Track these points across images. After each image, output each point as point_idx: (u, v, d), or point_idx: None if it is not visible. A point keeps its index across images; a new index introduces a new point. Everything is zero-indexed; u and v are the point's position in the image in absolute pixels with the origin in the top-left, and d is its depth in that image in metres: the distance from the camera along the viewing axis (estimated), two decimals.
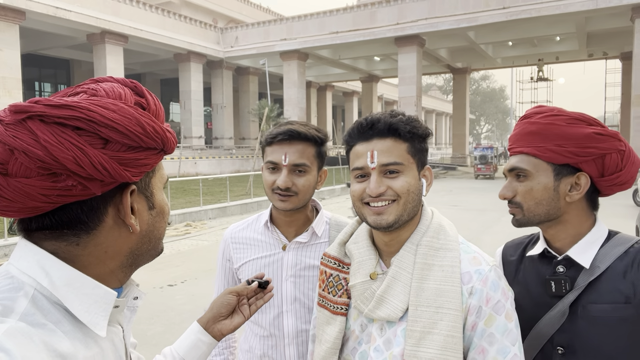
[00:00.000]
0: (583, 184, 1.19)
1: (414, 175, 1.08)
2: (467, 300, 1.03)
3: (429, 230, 1.10)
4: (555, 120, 1.19)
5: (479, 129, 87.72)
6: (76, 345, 0.63)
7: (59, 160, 0.59)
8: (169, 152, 0.73)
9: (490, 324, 1.02)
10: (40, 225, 0.65)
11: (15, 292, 0.61)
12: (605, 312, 1.12)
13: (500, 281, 1.06)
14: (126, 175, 0.65)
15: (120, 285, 0.74)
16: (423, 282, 1.04)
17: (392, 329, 1.07)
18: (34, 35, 25.29)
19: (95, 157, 0.61)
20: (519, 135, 1.25)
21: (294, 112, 30.43)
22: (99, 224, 0.66)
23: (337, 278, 1.20)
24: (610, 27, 26.02)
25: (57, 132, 0.60)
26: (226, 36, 32.43)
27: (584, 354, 1.14)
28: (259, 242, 1.56)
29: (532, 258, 1.29)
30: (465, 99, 36.59)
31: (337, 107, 54.34)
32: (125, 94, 0.68)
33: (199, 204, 12.48)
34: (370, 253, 1.14)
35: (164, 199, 0.76)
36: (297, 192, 1.43)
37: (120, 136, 0.63)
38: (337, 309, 1.17)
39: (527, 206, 1.22)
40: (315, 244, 1.53)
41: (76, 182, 0.61)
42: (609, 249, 1.17)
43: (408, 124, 1.08)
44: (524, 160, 1.22)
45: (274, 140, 1.44)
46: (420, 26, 26.25)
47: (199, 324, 1.08)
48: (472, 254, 1.09)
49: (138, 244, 0.72)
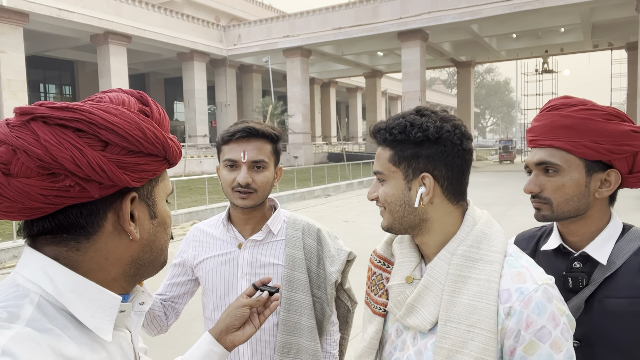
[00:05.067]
0: (614, 180, 1.17)
1: (395, 185, 1.01)
2: (503, 322, 0.92)
3: (468, 238, 0.99)
4: (591, 115, 1.14)
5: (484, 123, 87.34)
6: (83, 349, 0.63)
7: (57, 160, 0.60)
8: (172, 162, 0.73)
9: (531, 352, 0.90)
10: (41, 230, 0.66)
11: (21, 299, 0.62)
12: (621, 307, 1.12)
13: (549, 304, 0.91)
14: (124, 179, 0.65)
15: (124, 293, 0.74)
16: (455, 296, 0.95)
17: (424, 341, 1.01)
18: (38, 37, 25.41)
19: (94, 158, 0.62)
20: (547, 128, 1.18)
21: (297, 108, 30.43)
22: (98, 229, 0.67)
23: (379, 277, 1.15)
24: (615, 17, 25.78)
25: (58, 133, 0.61)
26: (229, 34, 32.44)
27: (599, 347, 1.14)
28: (217, 240, 1.58)
29: (546, 253, 1.28)
30: (469, 92, 36.45)
31: (341, 103, 54.28)
32: (129, 101, 0.69)
33: (205, 203, 12.51)
34: (411, 255, 1.08)
35: (166, 210, 0.76)
36: (257, 188, 1.46)
37: (120, 139, 0.64)
38: (377, 309, 1.13)
39: (556, 202, 1.18)
40: (272, 242, 1.54)
41: (74, 182, 0.62)
42: (624, 244, 1.17)
43: (388, 130, 1.00)
44: (555, 154, 1.16)
45: (232, 139, 1.46)
46: (423, 20, 26.13)
47: (211, 334, 1.10)
48: (518, 269, 0.96)
49: (139, 252, 0.72)
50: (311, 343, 1.49)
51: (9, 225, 9.09)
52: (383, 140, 1.02)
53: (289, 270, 1.50)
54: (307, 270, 1.53)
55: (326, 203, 15.00)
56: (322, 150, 37.14)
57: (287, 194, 15.39)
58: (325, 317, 1.55)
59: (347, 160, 25.10)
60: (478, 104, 75.18)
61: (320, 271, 1.56)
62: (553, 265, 1.23)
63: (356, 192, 18.13)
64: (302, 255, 1.53)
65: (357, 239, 8.35)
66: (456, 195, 1.02)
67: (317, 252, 1.57)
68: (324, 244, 1.59)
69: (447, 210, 1.01)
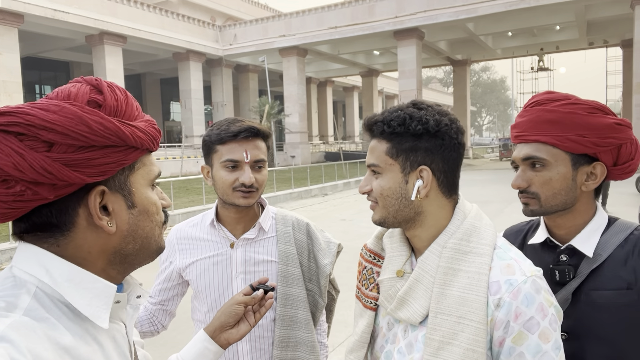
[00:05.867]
0: (599, 173, 1.18)
1: (392, 178, 1.01)
2: (492, 313, 0.93)
3: (458, 231, 1.00)
4: (576, 109, 1.15)
5: (481, 121, 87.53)
6: (77, 340, 0.64)
7: (1, 167, 0.60)
8: (142, 148, 0.70)
9: (520, 343, 0.91)
10: (21, 230, 0.67)
11: (18, 289, 0.64)
12: (607, 299, 1.13)
13: (538, 295, 0.93)
14: (76, 177, 0.63)
15: (117, 283, 0.74)
16: (445, 289, 0.96)
17: (414, 333, 1.02)
18: (33, 38, 25.28)
19: (36, 161, 0.61)
20: (532, 123, 1.19)
21: (294, 108, 30.42)
22: (72, 226, 0.67)
23: (370, 271, 1.16)
24: (610, 14, 25.86)
25: (0, 140, 0.61)
26: (225, 34, 32.38)
27: (587, 339, 1.15)
28: (205, 241, 1.56)
29: (534, 246, 1.29)
30: (465, 90, 36.51)
31: (337, 103, 54.24)
32: (77, 93, 0.67)
33: (202, 203, 12.50)
34: (401, 249, 1.09)
35: (149, 197, 0.74)
36: (258, 187, 1.47)
37: (62, 137, 0.62)
38: (368, 303, 1.14)
39: (544, 196, 1.19)
40: (263, 239, 1.55)
41: (24, 187, 0.62)
42: (609, 236, 1.18)
43: (386, 122, 1.00)
44: (542, 149, 1.18)
45: (235, 139, 1.44)
46: (419, 19, 26.15)
47: (205, 332, 1.10)
48: (507, 261, 0.97)
49: (121, 244, 0.71)
50: (308, 335, 1.51)
51: (5, 227, 9.05)
52: (380, 132, 1.01)
53: (283, 266, 1.52)
54: (300, 264, 1.55)
55: (323, 202, 15.01)
56: (319, 149, 37.15)
57: (285, 194, 15.39)
58: (318, 308, 1.58)
59: (344, 159, 25.10)
60: (474, 103, 75.35)
61: (312, 264, 1.58)
62: (540, 258, 1.25)
63: (353, 191, 18.14)
64: (295, 250, 1.55)
65: (354, 237, 8.37)
66: (450, 189, 1.03)
67: (308, 246, 1.59)
68: (314, 238, 1.61)
69: (441, 203, 1.02)
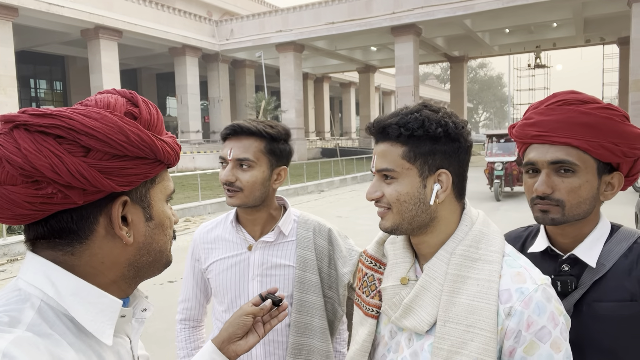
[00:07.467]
0: (617, 183, 1.14)
1: (410, 183, 0.96)
2: (503, 322, 0.91)
3: (466, 238, 0.98)
4: (612, 115, 1.08)
5: (477, 117, 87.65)
6: (80, 357, 0.63)
7: (37, 168, 0.60)
8: (167, 163, 0.72)
9: (532, 352, 0.89)
10: (37, 234, 0.66)
11: (22, 304, 0.63)
12: (610, 310, 1.08)
13: (549, 304, 0.91)
14: (108, 184, 0.64)
15: (125, 296, 0.74)
16: (454, 297, 0.94)
17: (420, 342, 0.99)
18: (28, 32, 25.11)
19: (73, 165, 0.61)
20: (563, 124, 1.09)
21: (291, 104, 30.36)
22: (90, 234, 0.66)
23: (371, 278, 1.12)
24: (607, 12, 25.91)
25: (38, 140, 0.61)
26: (221, 29, 32.23)
27: (589, 351, 1.11)
28: (226, 241, 1.54)
29: (533, 255, 1.23)
30: (462, 87, 36.52)
31: (334, 99, 54.20)
32: (116, 104, 0.68)
33: (198, 199, 12.46)
34: (405, 255, 1.05)
35: (164, 211, 0.75)
36: (242, 187, 1.42)
37: (101, 144, 0.63)
38: (369, 311, 1.10)
39: (569, 205, 1.10)
40: (282, 242, 1.51)
41: (56, 189, 0.62)
42: (613, 245, 1.13)
43: (403, 125, 0.95)
44: (572, 153, 1.08)
45: (228, 136, 1.46)
46: (416, 15, 26.10)
47: (213, 344, 1.08)
48: (517, 269, 0.95)
49: (136, 255, 0.71)
50: (323, 344, 1.47)
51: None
52: (397, 136, 0.96)
53: (300, 272, 1.48)
54: (319, 270, 1.51)
55: (320, 199, 15.00)
56: (315, 145, 37.12)
57: (280, 190, 15.37)
58: (337, 317, 1.54)
59: (341, 155, 25.10)
60: (471, 99, 75.39)
61: (332, 271, 1.53)
62: (541, 267, 1.18)
63: (349, 187, 18.14)
64: (314, 256, 1.51)
65: (351, 234, 8.27)
66: (461, 192, 1.01)
67: (329, 253, 1.54)
68: (335, 244, 1.56)
69: (453, 208, 1.01)
